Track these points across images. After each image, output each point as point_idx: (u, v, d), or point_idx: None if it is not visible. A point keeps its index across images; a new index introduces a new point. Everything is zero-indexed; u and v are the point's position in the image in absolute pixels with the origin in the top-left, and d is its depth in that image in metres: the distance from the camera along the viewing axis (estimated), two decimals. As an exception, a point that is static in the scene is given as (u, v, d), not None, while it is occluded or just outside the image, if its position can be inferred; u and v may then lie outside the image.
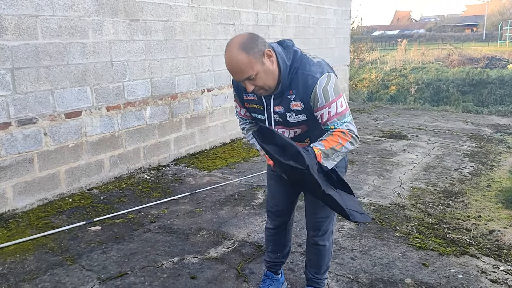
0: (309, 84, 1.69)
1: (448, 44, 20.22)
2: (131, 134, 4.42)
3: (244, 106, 1.98)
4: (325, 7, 8.13)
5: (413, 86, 9.90)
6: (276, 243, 2.25)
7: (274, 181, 2.13)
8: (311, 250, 2.14)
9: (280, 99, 1.78)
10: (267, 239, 2.28)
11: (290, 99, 1.75)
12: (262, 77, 1.66)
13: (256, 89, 1.70)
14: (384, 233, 3.06)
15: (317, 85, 1.68)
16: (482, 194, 3.86)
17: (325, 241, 2.10)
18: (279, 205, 2.16)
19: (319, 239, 2.08)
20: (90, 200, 3.76)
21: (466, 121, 7.41)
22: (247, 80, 1.66)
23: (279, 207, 2.16)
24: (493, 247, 2.86)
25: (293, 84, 1.73)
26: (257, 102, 1.86)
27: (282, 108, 1.78)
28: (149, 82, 4.57)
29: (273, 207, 2.18)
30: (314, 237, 2.08)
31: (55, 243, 2.95)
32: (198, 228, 3.19)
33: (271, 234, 2.24)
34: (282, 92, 1.76)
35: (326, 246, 2.11)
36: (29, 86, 3.45)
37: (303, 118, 1.78)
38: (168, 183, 4.23)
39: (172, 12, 4.73)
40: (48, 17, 3.52)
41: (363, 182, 4.19)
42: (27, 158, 3.49)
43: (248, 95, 1.88)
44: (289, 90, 1.74)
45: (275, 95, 1.78)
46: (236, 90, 1.94)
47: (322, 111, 1.71)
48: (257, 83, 1.67)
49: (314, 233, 2.08)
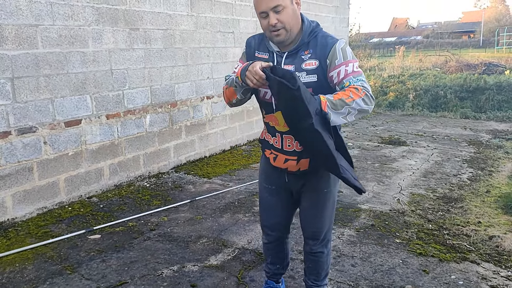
0: (329, 42, 1.74)
1: (446, 50, 20.34)
2: (131, 142, 4.43)
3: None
4: (323, 15, 8.19)
5: (411, 92, 9.95)
6: (274, 256, 2.23)
7: (268, 194, 2.07)
8: (310, 258, 2.12)
9: (292, 58, 1.78)
10: (265, 252, 2.27)
11: (304, 59, 1.76)
12: (288, 14, 1.69)
13: (279, 25, 1.70)
14: (384, 240, 3.06)
15: (337, 44, 1.74)
16: (481, 200, 3.87)
17: (324, 248, 2.08)
18: (274, 218, 2.10)
19: (318, 247, 2.06)
20: (89, 208, 3.76)
21: (464, 127, 7.44)
22: (273, 11, 1.67)
23: (275, 219, 2.10)
24: (493, 253, 2.86)
25: (311, 45, 1.77)
26: (268, 60, 1.83)
27: (293, 67, 1.77)
28: (148, 90, 4.59)
29: (267, 221, 2.13)
30: (313, 246, 2.06)
31: (55, 252, 2.95)
32: (198, 236, 3.19)
33: (268, 248, 2.22)
34: (297, 51, 1.77)
35: (325, 253, 2.10)
36: (29, 95, 3.47)
37: (314, 79, 1.75)
38: (168, 191, 4.23)
39: (171, 21, 4.76)
40: (48, 27, 3.55)
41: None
42: (27, 166, 3.49)
43: (261, 53, 1.86)
44: (305, 50, 1.77)
45: (289, 52, 1.78)
46: (248, 47, 1.92)
47: (339, 69, 1.72)
48: (282, 18, 1.69)
49: (314, 242, 2.06)
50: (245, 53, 1.95)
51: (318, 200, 1.98)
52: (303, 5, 7.41)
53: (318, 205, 1.99)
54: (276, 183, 2.03)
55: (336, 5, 8.69)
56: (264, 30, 1.78)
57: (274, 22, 1.69)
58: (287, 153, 1.89)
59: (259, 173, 2.16)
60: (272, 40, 1.79)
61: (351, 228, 3.27)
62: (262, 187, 2.11)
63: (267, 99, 1.87)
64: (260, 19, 1.76)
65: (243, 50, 1.98)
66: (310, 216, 2.02)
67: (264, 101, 1.90)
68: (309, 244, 2.09)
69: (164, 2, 4.64)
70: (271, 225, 2.13)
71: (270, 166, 2.01)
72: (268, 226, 2.15)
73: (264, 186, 2.09)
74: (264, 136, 2.02)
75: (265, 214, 2.13)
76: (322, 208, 1.99)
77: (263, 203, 2.13)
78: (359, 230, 3.23)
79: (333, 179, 1.99)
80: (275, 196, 2.05)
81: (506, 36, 28.88)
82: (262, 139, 2.03)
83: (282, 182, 2.00)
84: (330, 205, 2.01)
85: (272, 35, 1.75)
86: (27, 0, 3.38)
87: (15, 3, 3.31)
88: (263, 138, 2.03)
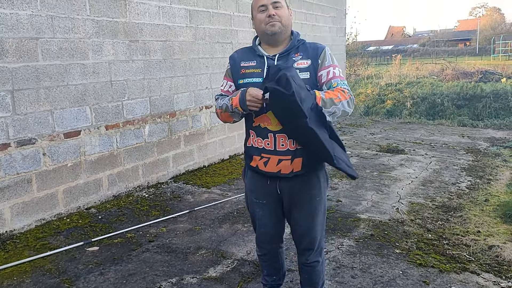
0: (319, 46, 1.94)
1: (442, 58, 20.49)
2: (130, 152, 4.43)
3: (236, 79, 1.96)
4: (320, 25, 8.27)
5: (408, 100, 10.00)
6: (270, 267, 2.24)
7: (260, 209, 2.07)
8: (306, 269, 2.13)
9: (284, 60, 1.89)
10: (261, 264, 2.28)
11: (295, 60, 1.89)
12: (284, 13, 1.89)
13: (276, 17, 1.86)
14: (384, 250, 3.06)
15: (326, 48, 1.94)
16: (480, 208, 3.87)
17: (319, 257, 2.11)
18: (267, 231, 2.11)
19: (313, 257, 2.08)
20: (88, 219, 3.75)
21: (462, 134, 7.47)
22: (272, 5, 1.86)
23: (268, 232, 2.11)
24: (493, 263, 2.86)
25: (301, 49, 1.92)
26: (256, 66, 1.93)
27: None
28: (148, 101, 4.61)
29: (261, 235, 2.13)
30: (308, 257, 2.08)
31: (53, 265, 2.93)
32: (197, 247, 3.18)
33: (263, 260, 2.23)
34: (288, 53, 1.90)
35: (320, 261, 2.12)
36: (29, 107, 3.48)
37: (307, 76, 1.88)
38: (167, 201, 4.22)
39: (170, 32, 4.80)
40: (48, 39, 3.57)
41: (362, 197, 4.20)
42: (26, 178, 3.49)
43: (247, 62, 1.96)
44: (295, 53, 1.91)
45: (280, 54, 1.90)
46: (232, 61, 2.01)
47: (328, 69, 1.89)
48: (279, 13, 1.87)
49: (309, 253, 2.07)
50: (230, 70, 2.01)
51: (311, 209, 2.00)
52: (301, 15, 7.49)
53: (311, 214, 2.01)
54: (267, 197, 2.03)
55: (333, 15, 8.78)
56: (259, 23, 1.90)
57: (273, 13, 1.85)
58: (280, 153, 1.89)
59: (247, 190, 2.14)
60: (267, 32, 1.89)
61: (350, 238, 3.27)
62: (252, 202, 2.10)
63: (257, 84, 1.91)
64: (257, 13, 1.90)
65: (227, 67, 2.04)
66: (305, 226, 2.03)
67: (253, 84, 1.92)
68: (305, 255, 2.10)
69: (163, 14, 4.69)
70: (264, 238, 2.15)
71: (259, 180, 2.00)
72: (262, 240, 2.16)
73: (254, 202, 2.08)
74: (251, 143, 1.98)
75: (258, 228, 2.14)
76: (316, 217, 2.02)
77: (255, 217, 2.13)
78: (358, 240, 3.23)
79: (324, 187, 2.03)
80: (267, 209, 2.06)
81: (502, 44, 29.14)
82: (250, 146, 1.99)
83: (274, 194, 2.00)
84: (322, 213, 2.05)
85: (267, 26, 1.88)
86: (28, 14, 3.41)
87: (16, 17, 3.33)
88: (250, 145, 1.99)
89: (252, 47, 2.00)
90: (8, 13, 3.28)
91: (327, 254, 3.01)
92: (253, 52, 1.97)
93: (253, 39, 2.03)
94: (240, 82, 1.95)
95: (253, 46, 1.99)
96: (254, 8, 1.93)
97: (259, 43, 2.00)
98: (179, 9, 4.90)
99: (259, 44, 2.00)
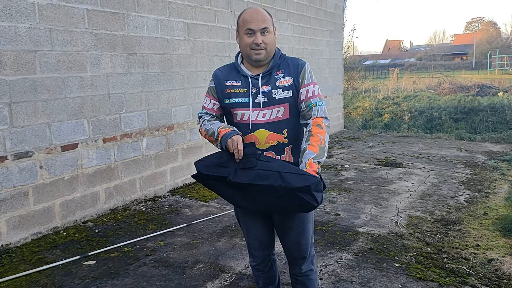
0: (300, 63, 1.98)
1: (439, 72, 20.68)
2: (127, 165, 4.41)
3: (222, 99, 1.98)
4: (318, 39, 8.36)
5: (406, 113, 10.06)
6: (265, 277, 2.23)
7: (249, 217, 2.09)
8: (300, 280, 2.12)
9: (267, 79, 1.93)
10: (255, 275, 2.27)
11: (277, 78, 1.93)
12: (270, 38, 1.90)
13: (262, 44, 1.87)
14: (383, 264, 3.03)
15: (305, 65, 1.98)
16: (479, 222, 3.86)
17: (312, 265, 2.12)
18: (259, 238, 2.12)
19: (306, 266, 2.09)
20: (84, 233, 3.71)
21: (460, 148, 7.49)
22: (260, 32, 1.86)
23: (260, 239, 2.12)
24: (493, 276, 2.83)
25: (282, 66, 1.96)
26: (241, 87, 1.95)
27: (269, 86, 1.92)
28: (145, 114, 4.61)
29: (253, 244, 2.14)
30: (302, 266, 2.08)
31: (49, 279, 2.89)
32: (194, 261, 3.14)
33: (258, 269, 2.22)
34: (270, 72, 1.93)
35: (314, 270, 2.13)
36: (26, 120, 3.48)
37: (289, 94, 1.92)
38: (164, 215, 4.19)
39: (169, 46, 4.84)
40: (46, 52, 3.59)
41: (360, 211, 4.18)
42: (22, 191, 3.46)
43: (232, 81, 1.97)
44: (277, 71, 1.94)
45: (263, 74, 1.93)
46: (216, 79, 2.01)
47: (308, 87, 1.94)
48: (266, 40, 1.88)
49: (302, 262, 2.08)
50: (214, 87, 2.01)
51: (302, 216, 2.01)
52: (299, 29, 7.58)
53: (303, 220, 2.02)
54: None
55: (330, 29, 8.88)
56: (245, 47, 1.90)
57: (260, 42, 1.86)
58: None
59: None
60: (251, 57, 1.90)
61: (349, 252, 3.24)
62: (241, 211, 2.13)
63: (244, 120, 1.92)
64: (243, 35, 1.89)
65: (210, 84, 2.04)
66: (296, 234, 2.03)
67: (241, 123, 1.94)
68: (298, 264, 2.10)
69: (161, 28, 4.73)
70: (257, 245, 2.15)
71: None
72: (254, 247, 2.16)
73: (244, 211, 2.10)
74: None
75: (250, 235, 2.15)
76: (305, 224, 2.03)
77: (245, 226, 2.15)
78: (357, 254, 3.20)
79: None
80: (258, 217, 2.08)
81: (499, 58, 29.45)
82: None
83: None
84: (311, 220, 2.07)
85: (252, 53, 1.89)
86: (27, 27, 3.44)
87: (15, 29, 3.36)
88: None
89: (234, 65, 2.00)
90: (7, 25, 3.31)
91: (326, 268, 2.97)
92: (236, 71, 1.98)
93: (235, 56, 2.03)
94: (226, 102, 1.97)
95: (236, 65, 1.99)
96: (241, 27, 1.90)
97: (241, 60, 2.00)
98: (177, 22, 4.95)
99: (242, 61, 2.00)
